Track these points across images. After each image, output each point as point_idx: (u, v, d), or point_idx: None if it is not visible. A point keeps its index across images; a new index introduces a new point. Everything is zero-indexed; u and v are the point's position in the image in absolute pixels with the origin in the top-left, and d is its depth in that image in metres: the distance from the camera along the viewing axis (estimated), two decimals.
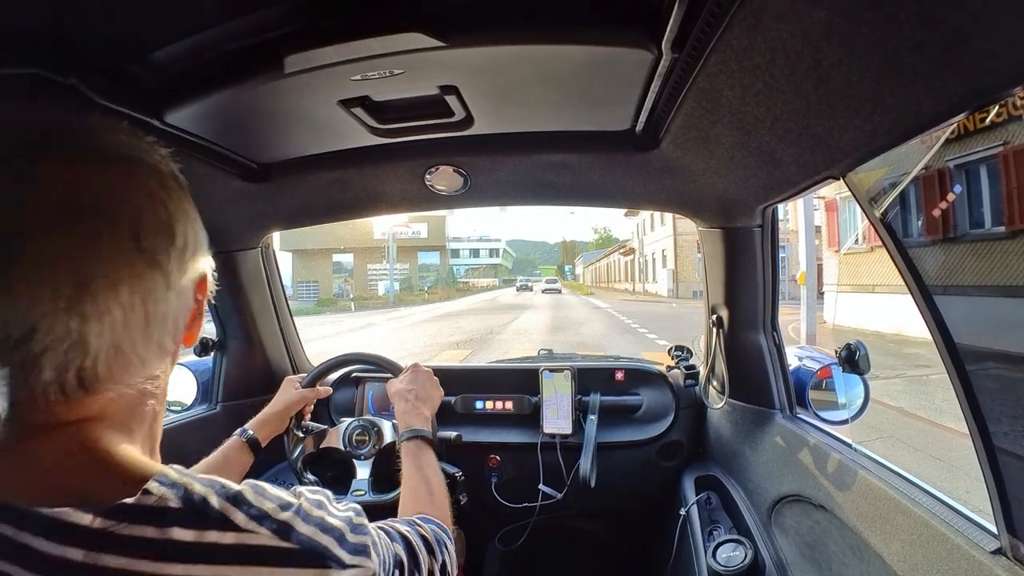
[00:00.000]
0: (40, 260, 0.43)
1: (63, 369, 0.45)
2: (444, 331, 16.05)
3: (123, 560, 0.43)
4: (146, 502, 0.45)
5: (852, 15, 0.61)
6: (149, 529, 0.44)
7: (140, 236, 0.49)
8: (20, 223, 0.43)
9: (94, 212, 0.46)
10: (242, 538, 0.48)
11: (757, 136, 0.97)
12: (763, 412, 1.55)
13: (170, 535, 0.44)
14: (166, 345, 0.54)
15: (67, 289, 0.44)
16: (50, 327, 0.44)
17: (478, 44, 0.84)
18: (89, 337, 0.45)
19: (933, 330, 0.82)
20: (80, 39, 0.76)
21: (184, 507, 0.46)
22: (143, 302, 0.49)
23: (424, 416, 1.28)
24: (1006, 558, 0.74)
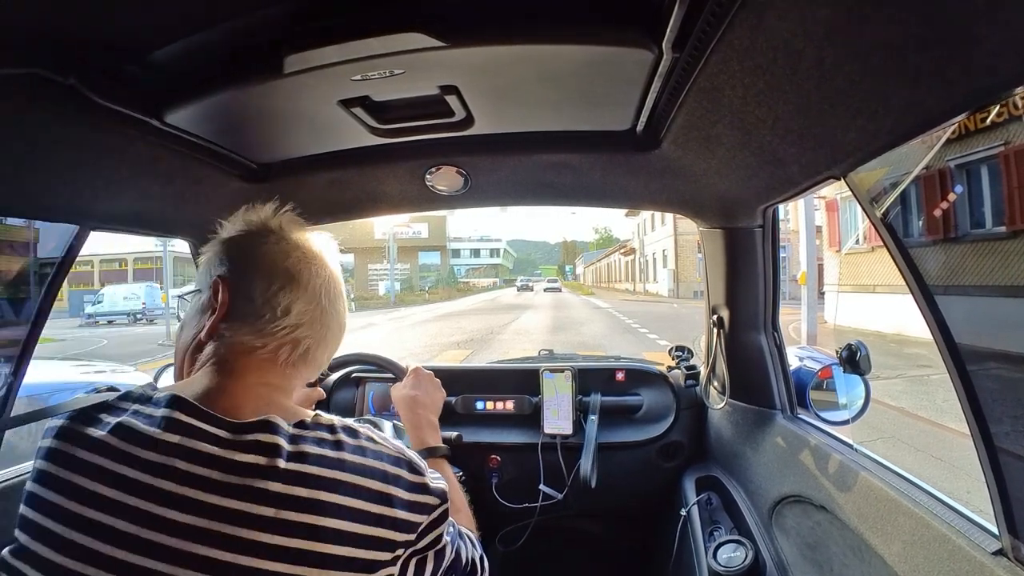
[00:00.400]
0: (313, 290, 0.79)
1: (303, 352, 0.78)
2: (445, 331, 16.05)
3: (314, 447, 0.67)
4: (320, 420, 0.72)
5: (855, 14, 0.61)
6: (325, 432, 0.70)
7: (343, 294, 0.86)
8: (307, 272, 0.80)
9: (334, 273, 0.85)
10: (377, 446, 0.73)
11: (758, 136, 0.97)
12: (764, 412, 1.55)
13: (338, 436, 0.71)
14: (329, 361, 0.87)
15: (323, 302, 0.80)
16: (311, 325, 0.78)
17: (478, 44, 0.84)
18: (325, 339, 0.81)
19: (934, 330, 0.82)
20: (79, 39, 0.76)
21: (342, 426, 0.73)
22: (339, 328, 0.85)
23: (433, 424, 1.29)
24: (1007, 559, 0.73)
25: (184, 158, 1.15)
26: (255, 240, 0.81)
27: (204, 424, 0.65)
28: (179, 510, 0.60)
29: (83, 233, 1.28)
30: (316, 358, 0.81)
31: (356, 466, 0.68)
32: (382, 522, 0.68)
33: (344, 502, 0.65)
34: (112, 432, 0.64)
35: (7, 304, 1.52)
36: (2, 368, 1.25)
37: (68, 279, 1.50)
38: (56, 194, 1.13)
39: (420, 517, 0.72)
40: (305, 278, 0.78)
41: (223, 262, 0.80)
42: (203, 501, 0.61)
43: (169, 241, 13.10)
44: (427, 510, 0.73)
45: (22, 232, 1.51)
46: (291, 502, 0.63)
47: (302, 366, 0.79)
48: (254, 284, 0.76)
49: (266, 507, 0.62)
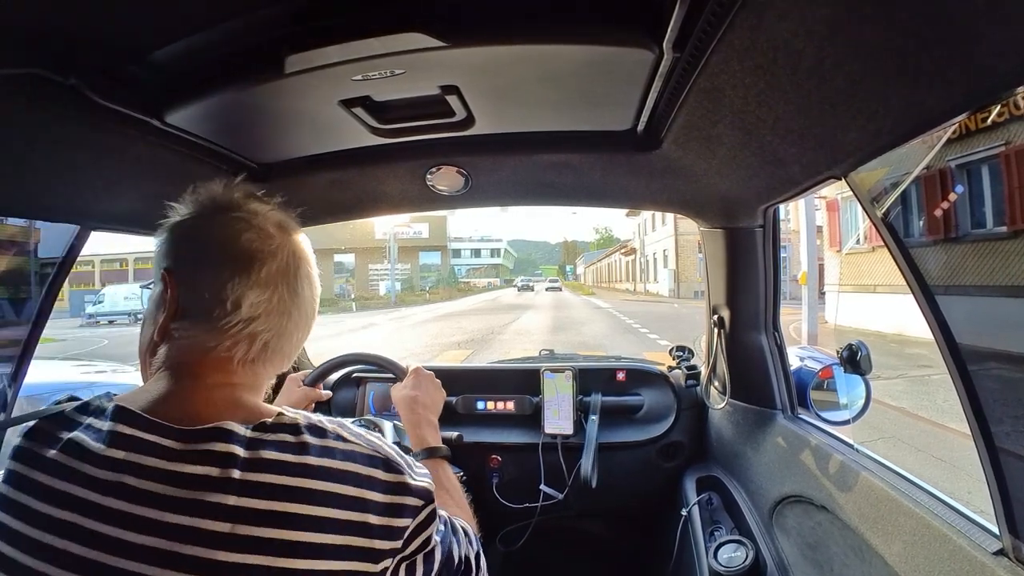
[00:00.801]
0: (267, 276, 0.71)
1: (262, 347, 0.71)
2: (446, 331, 16.05)
3: (273, 452, 0.62)
4: (283, 420, 0.66)
5: (855, 14, 0.61)
6: (287, 435, 0.64)
7: (312, 276, 0.80)
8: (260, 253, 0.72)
9: (297, 256, 0.77)
10: (349, 446, 0.67)
11: (759, 136, 0.97)
12: (764, 412, 1.55)
13: (302, 438, 0.64)
14: (298, 351, 0.81)
15: (280, 289, 0.72)
16: (267, 317, 0.71)
17: (479, 44, 0.84)
18: (287, 330, 0.74)
19: (935, 330, 0.82)
20: (80, 39, 0.76)
21: (309, 424, 0.66)
22: (304, 316, 0.78)
23: (433, 424, 1.28)
24: (1008, 559, 0.73)
25: (185, 158, 1.15)
26: (201, 222, 0.73)
27: (150, 435, 0.61)
28: (133, 530, 0.57)
29: (84, 233, 1.28)
30: (280, 350, 0.75)
31: (322, 470, 0.63)
32: (359, 530, 0.63)
33: (311, 511, 0.60)
34: (61, 450, 0.61)
35: (8, 304, 1.52)
36: (3, 368, 1.26)
37: (69, 279, 1.50)
38: (57, 194, 1.13)
39: (403, 521, 0.67)
40: (258, 264, 0.70)
41: (169, 252, 0.73)
42: (155, 519, 0.57)
43: None
44: (410, 512, 0.68)
45: (23, 232, 1.51)
46: (248, 515, 0.58)
47: (265, 362, 0.73)
48: (201, 276, 0.69)
49: (221, 522, 0.57)
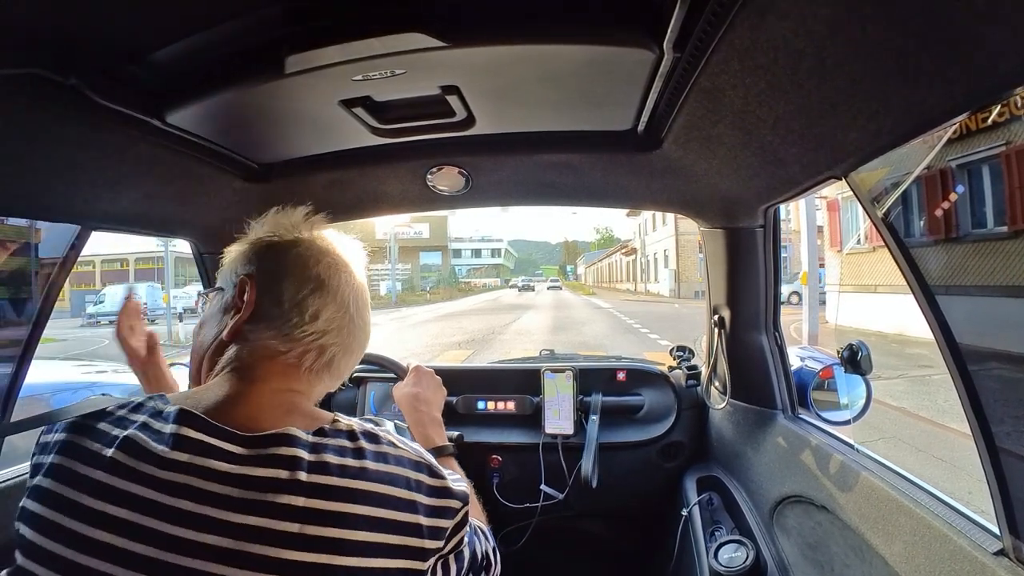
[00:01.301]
0: (343, 298, 0.78)
1: (329, 360, 0.77)
2: (446, 331, 16.06)
3: (334, 456, 0.65)
4: (339, 426, 0.70)
5: (856, 14, 0.61)
6: (345, 440, 0.68)
7: (368, 304, 0.86)
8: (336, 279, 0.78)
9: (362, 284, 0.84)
10: (399, 451, 0.71)
11: (759, 136, 0.97)
12: (765, 412, 1.55)
13: (359, 443, 0.68)
14: (351, 371, 0.87)
15: (351, 310, 0.79)
16: (338, 332, 0.77)
17: (479, 44, 0.84)
18: (351, 348, 0.81)
19: (935, 330, 0.82)
20: (80, 39, 0.76)
21: (363, 431, 0.70)
22: (364, 338, 0.84)
23: (437, 421, 1.29)
24: (1008, 559, 0.73)
25: (185, 158, 1.15)
26: (286, 244, 0.80)
27: (216, 440, 0.62)
28: (198, 529, 0.58)
29: (84, 233, 1.28)
30: (339, 367, 0.80)
31: (379, 474, 0.66)
32: (412, 531, 0.66)
33: (370, 512, 0.63)
34: (120, 448, 0.61)
35: (9, 304, 1.52)
36: (4, 368, 1.25)
37: (69, 279, 1.50)
38: (57, 194, 1.13)
39: (445, 522, 0.70)
40: (334, 284, 0.77)
41: (251, 261, 0.78)
42: (223, 519, 0.59)
43: (170, 241, 13.12)
44: (450, 514, 0.71)
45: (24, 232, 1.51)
46: (315, 516, 0.61)
47: (325, 374, 0.78)
48: (283, 286, 0.75)
49: (290, 523, 0.59)
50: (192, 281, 25.99)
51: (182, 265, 25.33)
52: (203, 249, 1.75)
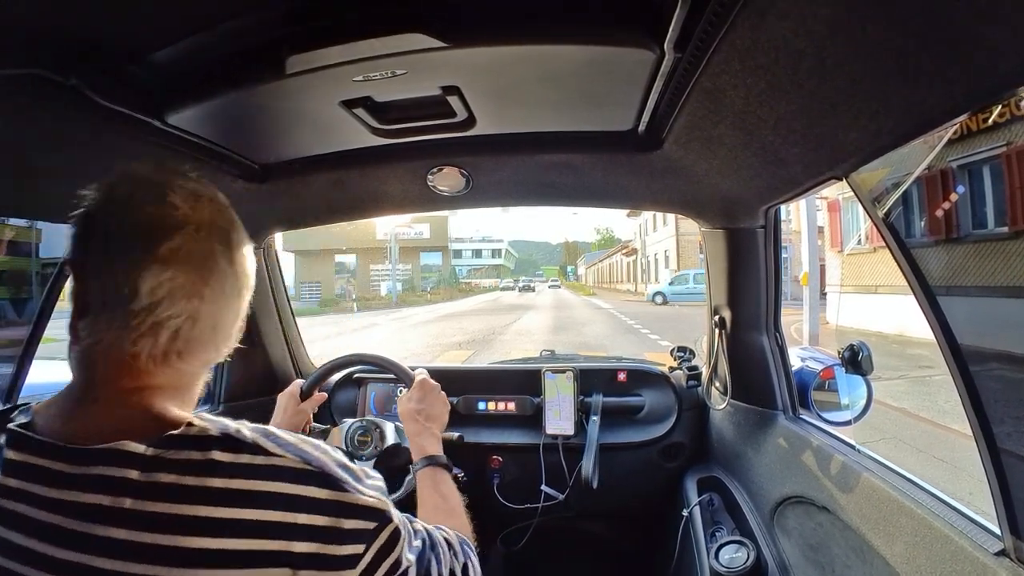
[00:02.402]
0: (168, 253, 0.58)
1: (171, 337, 0.59)
2: (447, 331, 16.05)
3: (173, 476, 0.53)
4: (190, 432, 0.56)
5: (858, 13, 0.61)
6: (194, 453, 0.54)
7: (232, 249, 0.65)
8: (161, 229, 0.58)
9: (208, 226, 0.62)
10: (270, 460, 0.57)
11: (760, 136, 0.97)
12: (766, 413, 1.55)
13: (211, 456, 0.55)
14: (231, 338, 0.69)
15: (191, 271, 0.59)
16: (172, 301, 0.58)
17: (480, 44, 0.84)
18: (200, 315, 0.61)
19: (936, 331, 0.82)
20: (81, 39, 0.77)
21: (222, 436, 0.56)
22: (226, 296, 0.64)
23: (436, 437, 1.29)
24: (1009, 559, 0.73)
25: (186, 159, 1.15)
26: (105, 204, 0.61)
27: (41, 460, 0.53)
28: (26, 564, 0.51)
29: None
30: (199, 338, 0.62)
31: (232, 494, 0.54)
32: (289, 561, 0.55)
33: (216, 544, 0.52)
34: None
35: (10, 304, 1.53)
36: (5, 368, 1.26)
37: None
38: (58, 194, 1.13)
39: (351, 548, 0.59)
40: (156, 240, 0.58)
41: (71, 243, 0.62)
42: (48, 555, 0.51)
43: None
44: (363, 538, 0.60)
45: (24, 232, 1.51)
46: (138, 552, 0.51)
47: (183, 355, 0.61)
48: (101, 263, 0.59)
49: (110, 559, 0.50)
50: None
51: None
52: None
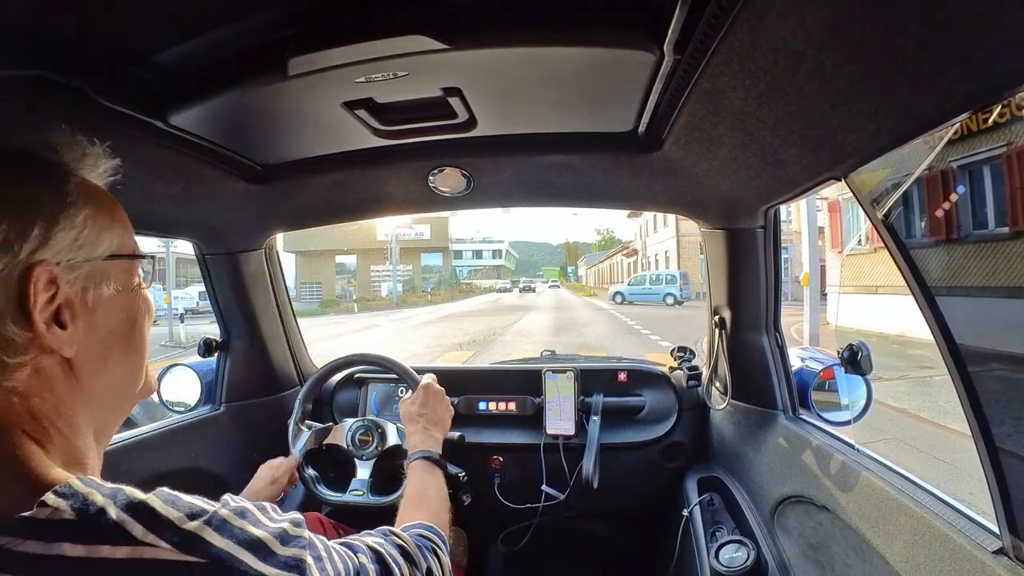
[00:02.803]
0: None
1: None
2: (447, 332, 16.07)
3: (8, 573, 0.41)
4: (40, 516, 0.42)
5: (857, 15, 0.61)
6: (38, 545, 0.42)
7: None
8: None
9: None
10: (137, 552, 0.44)
11: (759, 137, 0.97)
12: (766, 413, 1.55)
13: (59, 551, 0.42)
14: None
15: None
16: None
17: (481, 46, 0.84)
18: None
19: (935, 331, 0.82)
20: (84, 41, 0.77)
21: (78, 519, 0.43)
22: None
23: (436, 439, 1.29)
24: (1008, 558, 0.74)
25: (188, 159, 1.15)
26: None
27: None
28: None
29: None
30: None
31: None
32: None
33: None
34: None
35: None
36: None
37: None
38: None
39: None
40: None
41: None
42: None
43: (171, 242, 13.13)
44: None
45: None
46: None
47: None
48: None
49: None
50: (193, 282, 26.02)
51: (183, 266, 25.36)
52: (206, 250, 1.76)
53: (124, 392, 0.62)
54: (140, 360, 0.63)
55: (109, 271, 0.58)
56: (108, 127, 0.94)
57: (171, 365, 1.85)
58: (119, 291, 0.59)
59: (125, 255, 0.61)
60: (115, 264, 0.59)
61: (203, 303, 21.25)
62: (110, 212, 0.62)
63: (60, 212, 0.53)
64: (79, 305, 0.54)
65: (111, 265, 0.58)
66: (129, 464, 1.44)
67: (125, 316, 0.60)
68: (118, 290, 0.59)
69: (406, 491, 1.10)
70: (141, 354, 0.63)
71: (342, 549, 0.63)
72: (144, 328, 0.64)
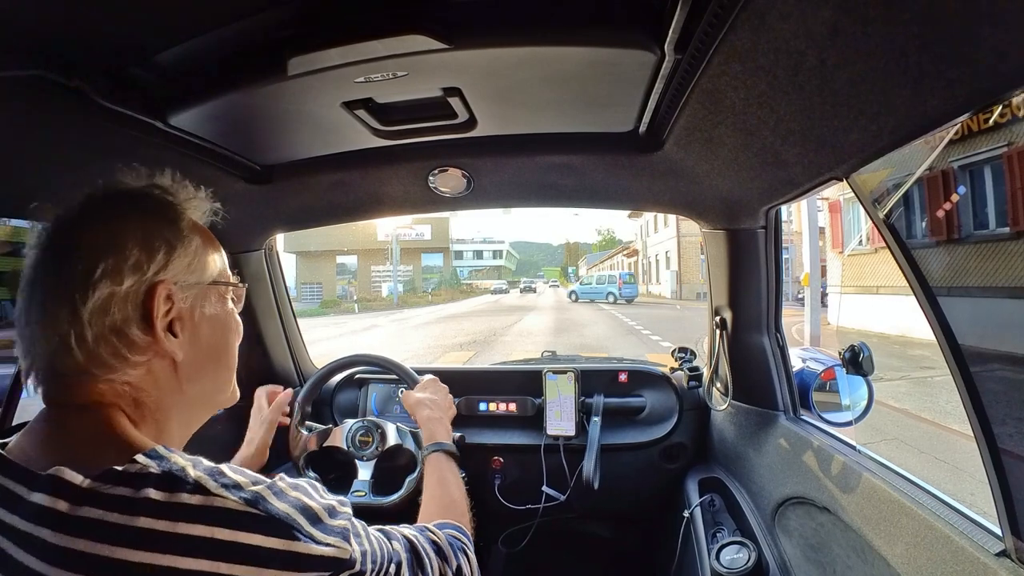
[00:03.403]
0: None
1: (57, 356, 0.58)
2: (448, 333, 16.08)
3: (99, 512, 0.49)
4: (131, 469, 0.52)
5: (858, 14, 0.61)
6: (127, 490, 0.50)
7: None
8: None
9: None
10: (209, 500, 0.52)
11: (760, 137, 0.97)
12: (767, 414, 1.55)
13: (144, 494, 0.50)
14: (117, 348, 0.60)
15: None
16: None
17: (481, 46, 0.84)
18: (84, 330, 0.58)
19: (937, 331, 0.82)
20: (84, 41, 0.77)
21: (163, 474, 0.52)
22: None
23: (448, 429, 1.31)
24: (1010, 560, 0.73)
25: (188, 160, 1.15)
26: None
27: (8, 482, 0.54)
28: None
29: None
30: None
31: (155, 537, 0.49)
32: None
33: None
34: None
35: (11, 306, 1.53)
36: (5, 369, 1.26)
37: None
38: (61, 196, 1.14)
39: None
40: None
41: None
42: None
43: None
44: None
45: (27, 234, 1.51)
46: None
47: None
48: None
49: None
50: None
51: None
52: None
53: (213, 398, 0.75)
54: (229, 372, 0.76)
55: (211, 293, 0.71)
56: (108, 128, 0.94)
57: None
58: (218, 311, 0.72)
59: (224, 282, 0.75)
60: (216, 288, 0.72)
61: None
62: (214, 246, 0.75)
63: (177, 242, 0.66)
64: (188, 319, 0.66)
65: (213, 289, 0.71)
66: None
67: (221, 332, 0.73)
68: (217, 310, 0.72)
69: (427, 487, 1.10)
70: (230, 367, 0.76)
71: (378, 534, 0.70)
72: (234, 344, 0.76)
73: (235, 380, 0.78)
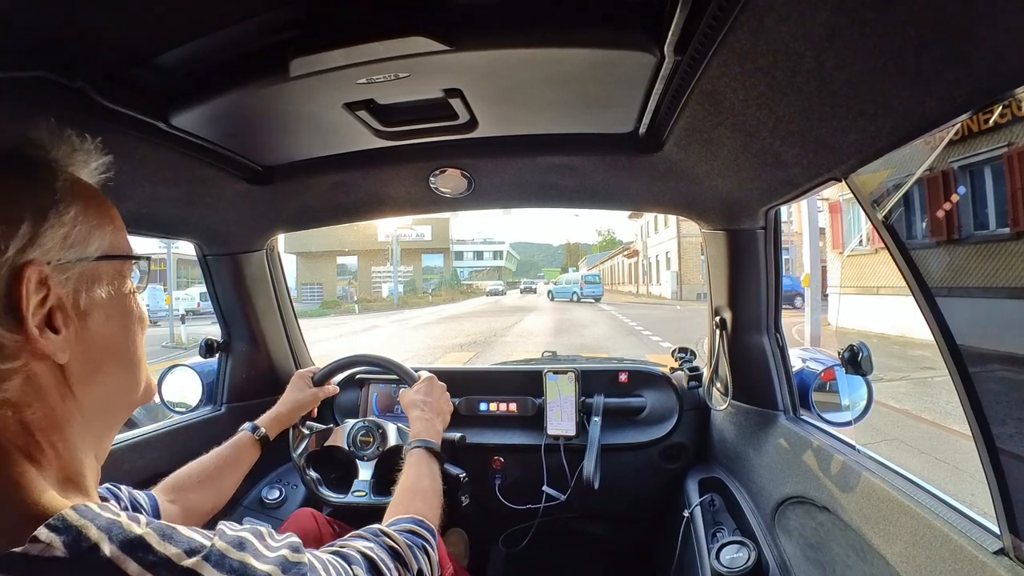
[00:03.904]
0: None
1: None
2: (448, 333, 16.08)
3: None
4: (32, 552, 0.41)
5: (856, 16, 0.61)
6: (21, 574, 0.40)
7: None
8: None
9: None
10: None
11: (760, 138, 0.97)
12: (767, 414, 1.55)
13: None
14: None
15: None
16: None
17: (482, 48, 0.84)
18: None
19: (935, 332, 0.82)
20: (86, 42, 0.77)
21: (69, 556, 0.41)
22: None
23: (437, 431, 1.30)
24: (1008, 558, 0.74)
25: (190, 161, 1.16)
26: None
27: None
28: None
29: None
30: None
31: None
32: None
33: None
34: None
35: None
36: None
37: None
38: None
39: None
40: None
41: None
42: None
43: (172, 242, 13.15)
44: None
45: None
46: None
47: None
48: None
49: None
50: (194, 282, 26.06)
51: (184, 267, 25.41)
52: (207, 251, 1.76)
53: (120, 401, 0.60)
54: (135, 367, 0.61)
55: (101, 273, 0.56)
56: (110, 128, 0.94)
57: (172, 366, 1.86)
58: (112, 294, 0.57)
59: (117, 256, 0.58)
60: (107, 265, 0.56)
61: (204, 304, 21.27)
62: (101, 211, 0.58)
63: (49, 209, 0.51)
64: (71, 308, 0.52)
65: (103, 266, 0.56)
66: (130, 464, 1.45)
67: (118, 320, 0.58)
68: (111, 293, 0.56)
69: (401, 478, 1.10)
70: (135, 361, 0.61)
71: (337, 562, 0.62)
72: (137, 333, 0.61)
73: (146, 373, 0.63)
